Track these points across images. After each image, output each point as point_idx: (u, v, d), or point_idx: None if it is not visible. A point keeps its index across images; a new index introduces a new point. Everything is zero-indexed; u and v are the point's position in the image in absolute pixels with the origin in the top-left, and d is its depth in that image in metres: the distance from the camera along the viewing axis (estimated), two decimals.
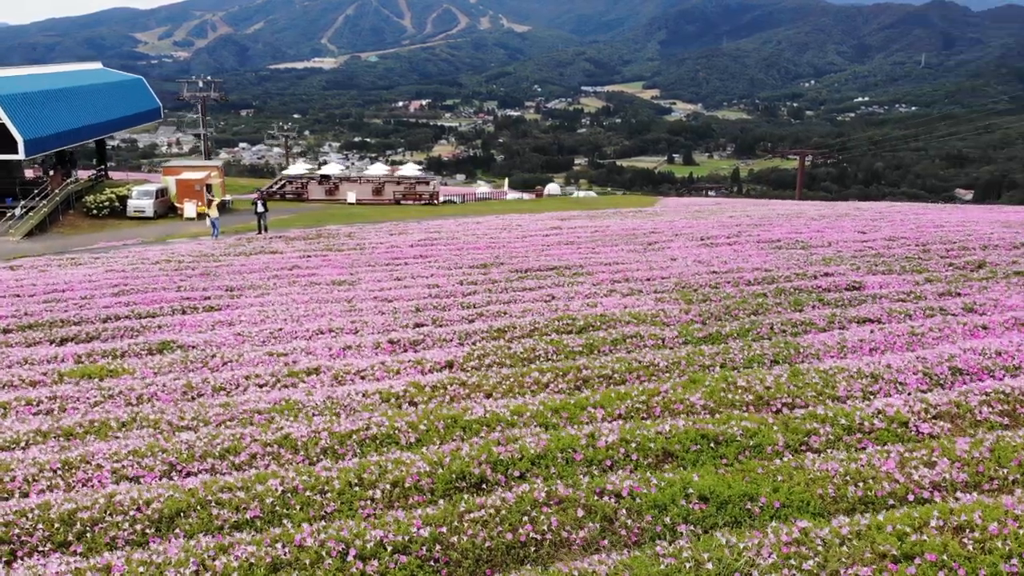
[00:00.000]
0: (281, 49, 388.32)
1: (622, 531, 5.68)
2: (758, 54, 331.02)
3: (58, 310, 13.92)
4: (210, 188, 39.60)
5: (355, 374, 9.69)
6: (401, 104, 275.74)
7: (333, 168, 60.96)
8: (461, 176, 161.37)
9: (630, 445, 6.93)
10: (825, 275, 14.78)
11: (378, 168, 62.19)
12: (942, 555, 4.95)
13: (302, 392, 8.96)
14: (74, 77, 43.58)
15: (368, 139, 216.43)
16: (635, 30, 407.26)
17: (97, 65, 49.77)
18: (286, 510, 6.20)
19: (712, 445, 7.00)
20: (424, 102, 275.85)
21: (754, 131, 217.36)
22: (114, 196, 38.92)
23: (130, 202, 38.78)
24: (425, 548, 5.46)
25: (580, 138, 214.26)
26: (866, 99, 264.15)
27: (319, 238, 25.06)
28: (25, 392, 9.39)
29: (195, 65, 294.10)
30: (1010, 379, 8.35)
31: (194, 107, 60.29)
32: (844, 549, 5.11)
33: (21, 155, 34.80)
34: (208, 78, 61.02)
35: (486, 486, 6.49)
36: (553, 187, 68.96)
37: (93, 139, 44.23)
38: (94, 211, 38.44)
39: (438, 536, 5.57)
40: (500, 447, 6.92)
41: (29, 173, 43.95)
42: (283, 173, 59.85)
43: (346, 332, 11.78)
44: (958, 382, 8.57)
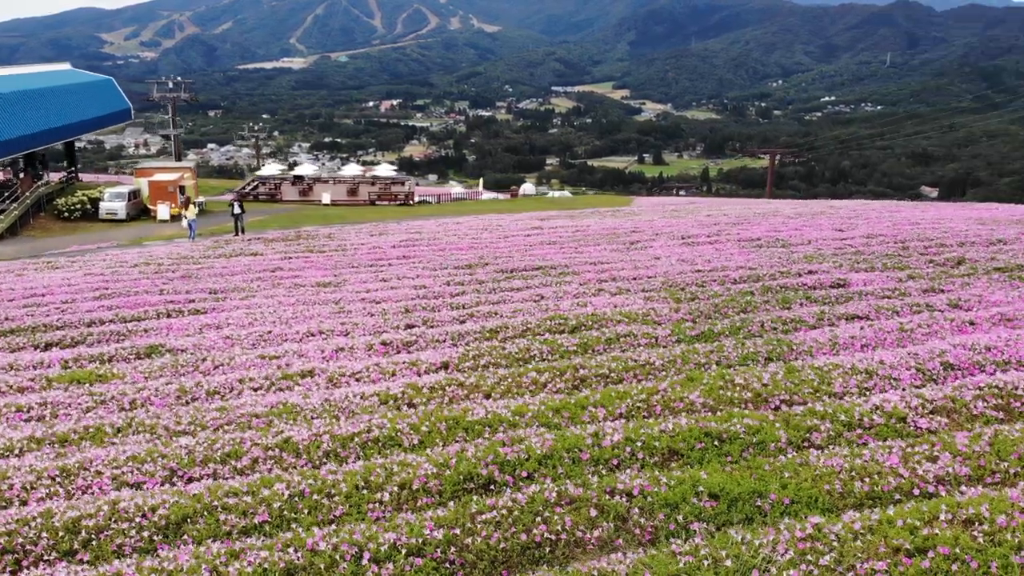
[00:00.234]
0: (250, 49, 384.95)
1: (636, 530, 5.69)
2: (726, 54, 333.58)
3: (39, 315, 13.70)
4: (183, 190, 39.15)
5: (350, 376, 9.63)
6: (372, 104, 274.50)
7: (307, 169, 60.51)
8: (433, 176, 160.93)
9: (635, 444, 6.95)
10: (809, 273, 14.92)
11: (352, 168, 61.84)
12: (954, 548, 5.02)
13: (299, 395, 8.90)
14: (43, 78, 42.87)
15: (339, 139, 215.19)
16: (605, 30, 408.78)
17: (66, 66, 49.02)
18: (294, 514, 6.15)
19: (716, 443, 7.04)
20: (395, 102, 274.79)
21: (723, 131, 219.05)
22: (86, 198, 38.36)
23: (102, 204, 38.23)
24: (439, 550, 5.45)
25: (551, 138, 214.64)
26: (833, 98, 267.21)
27: (299, 239, 24.88)
28: (14, 398, 9.23)
29: (162, 65, 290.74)
30: (1001, 374, 8.48)
31: (161, 108, 59.54)
32: (858, 544, 5.16)
33: None
34: (178, 78, 60.29)
35: (494, 487, 6.48)
36: (528, 187, 69.03)
37: (63, 141, 43.55)
38: (65, 214, 37.86)
39: (452, 538, 5.55)
40: (506, 448, 6.91)
41: None
42: (256, 174, 59.33)
43: (337, 334, 11.71)
44: (951, 377, 8.69)
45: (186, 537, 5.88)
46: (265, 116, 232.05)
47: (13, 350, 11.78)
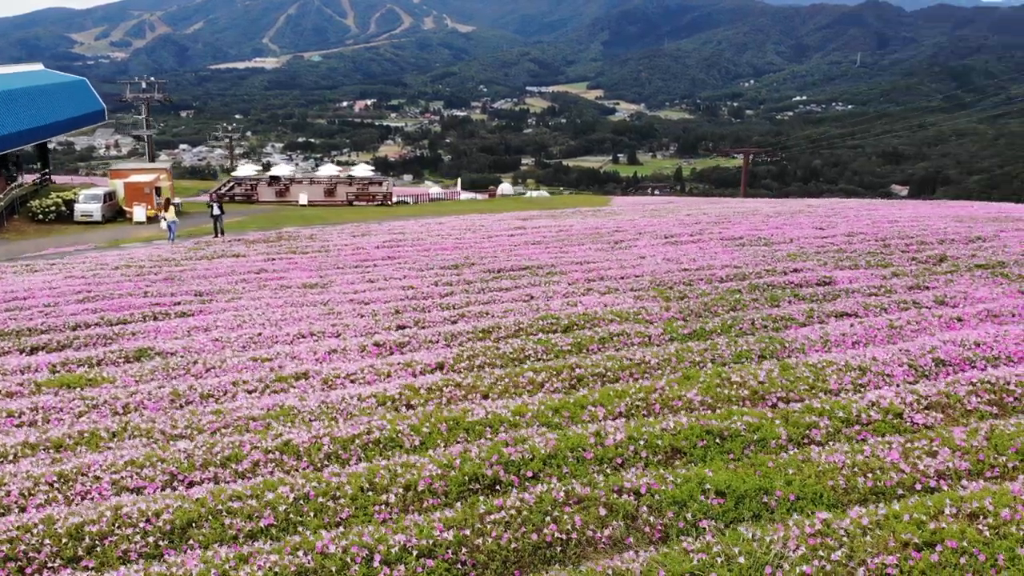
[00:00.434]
0: (222, 49, 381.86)
1: (645, 528, 5.72)
2: (698, 54, 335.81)
3: (23, 318, 13.50)
4: (159, 191, 38.76)
5: (345, 378, 9.59)
6: (345, 104, 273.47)
7: (283, 169, 60.16)
8: (408, 176, 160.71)
9: (638, 443, 6.98)
10: (794, 271, 15.05)
11: (329, 169, 61.55)
12: (961, 542, 5.08)
13: (295, 397, 8.84)
14: (16, 79, 42.24)
15: (312, 139, 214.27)
16: (578, 31, 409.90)
17: (39, 66, 48.35)
18: (300, 517, 6.11)
19: (718, 441, 7.08)
20: (369, 102, 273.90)
21: (696, 131, 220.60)
22: (60, 200, 37.88)
23: (77, 206, 37.76)
24: (450, 551, 5.44)
25: (526, 138, 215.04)
26: (804, 98, 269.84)
27: (280, 240, 24.72)
28: (4, 403, 9.10)
29: (133, 66, 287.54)
30: (992, 369, 8.61)
31: (133, 108, 58.91)
32: (868, 539, 5.21)
33: None
34: (151, 79, 59.68)
35: (500, 487, 6.48)
36: (506, 187, 69.11)
37: (37, 142, 42.96)
38: (40, 216, 37.34)
39: (462, 539, 5.54)
40: (510, 448, 6.92)
41: None
42: (232, 175, 58.88)
43: (328, 335, 11.65)
44: (942, 373, 8.80)
45: (192, 542, 5.82)
46: (238, 116, 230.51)
47: None
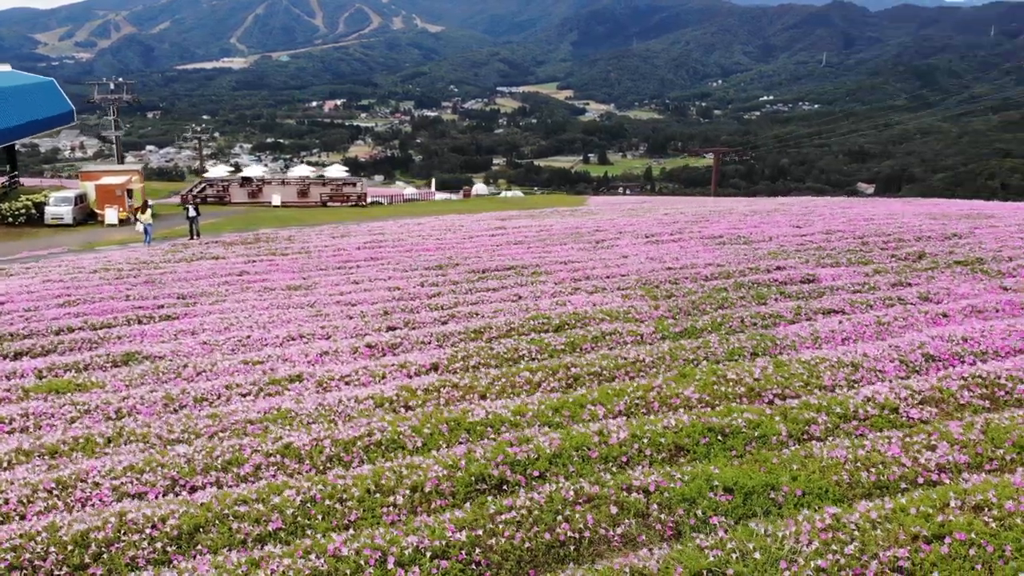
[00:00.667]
0: (188, 49, 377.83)
1: (657, 526, 5.75)
2: (667, 55, 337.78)
3: (3, 323, 13.27)
4: (131, 193, 38.24)
5: (339, 380, 9.54)
6: (315, 104, 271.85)
7: (255, 170, 59.66)
8: (379, 177, 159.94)
9: (642, 441, 7.02)
10: (778, 269, 15.20)
11: (302, 169, 61.10)
12: (969, 534, 5.17)
13: (291, 400, 8.78)
14: None
15: (281, 140, 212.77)
16: (547, 31, 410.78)
17: (6, 67, 47.46)
18: (308, 520, 6.07)
19: (720, 438, 7.14)
20: (338, 102, 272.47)
21: (665, 130, 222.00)
22: (31, 203, 37.23)
23: (48, 209, 37.13)
24: (464, 552, 5.43)
25: (498, 138, 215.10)
26: (771, 98, 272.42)
27: (258, 242, 24.50)
28: None
29: (98, 66, 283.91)
30: (981, 364, 8.76)
31: (98, 109, 58.10)
32: (878, 532, 5.28)
33: None
34: (119, 79, 58.90)
35: (507, 487, 6.48)
36: (481, 187, 69.13)
37: (4, 144, 42.19)
38: (9, 219, 36.68)
39: (475, 539, 5.54)
40: (514, 447, 6.92)
41: None
42: (204, 176, 58.27)
43: (318, 338, 11.58)
44: (933, 368, 8.94)
45: (200, 547, 5.76)
46: (205, 117, 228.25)
47: None
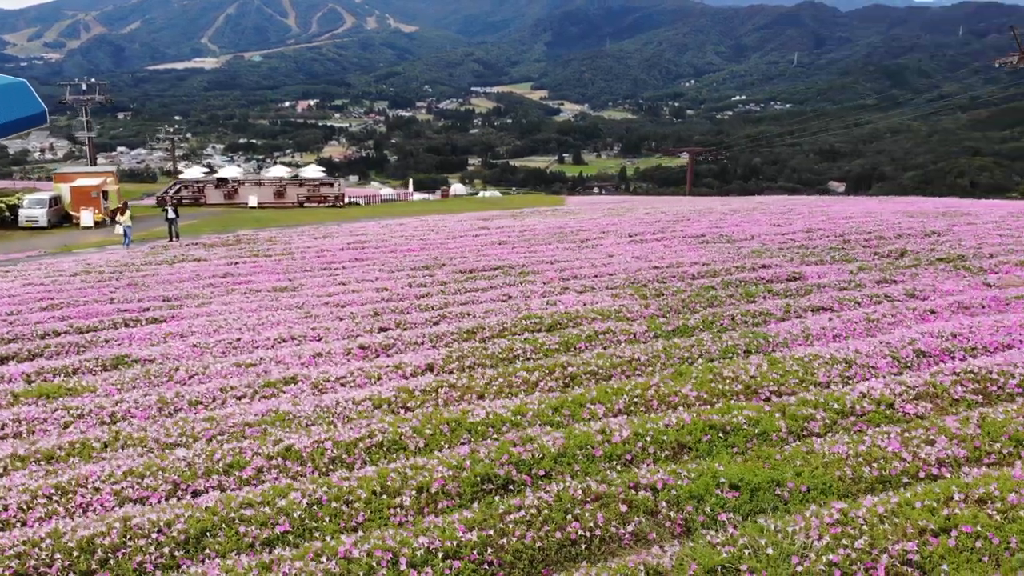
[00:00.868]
0: (159, 49, 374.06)
1: (667, 523, 5.79)
2: (640, 55, 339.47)
3: None
4: (106, 195, 37.80)
5: (335, 381, 9.50)
6: (288, 104, 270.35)
7: (231, 171, 59.21)
8: (354, 177, 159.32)
9: (645, 439, 7.05)
10: (763, 267, 15.33)
11: (278, 170, 60.75)
12: (975, 527, 5.25)
13: (288, 402, 8.73)
14: None
15: (254, 140, 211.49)
16: (521, 31, 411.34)
17: None
18: (315, 523, 6.05)
19: (721, 435, 7.19)
20: (312, 102, 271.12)
21: (639, 130, 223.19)
22: (3, 206, 36.68)
23: (21, 211, 36.58)
24: (476, 552, 5.43)
25: (473, 138, 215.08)
26: (743, 98, 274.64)
27: (239, 244, 24.31)
28: None
29: (68, 67, 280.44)
30: (972, 359, 8.89)
31: (68, 111, 57.40)
32: (886, 527, 5.35)
33: None
34: (92, 80, 58.20)
35: (513, 487, 6.49)
36: (459, 188, 69.11)
37: None
38: None
39: (486, 539, 5.54)
40: (518, 447, 6.93)
41: None
42: (179, 177, 57.74)
43: (309, 339, 11.52)
44: (924, 364, 9.06)
45: (208, 551, 5.72)
46: (177, 117, 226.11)
47: None
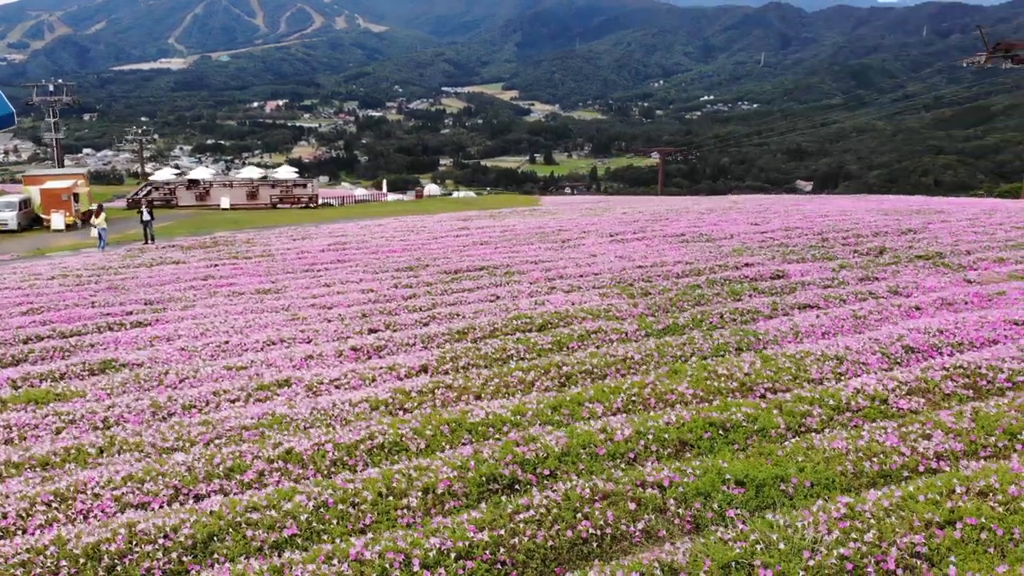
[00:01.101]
0: (125, 50, 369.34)
1: (676, 520, 5.83)
2: (609, 56, 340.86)
3: None
4: (77, 197, 37.26)
5: (329, 384, 9.45)
6: (256, 105, 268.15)
7: (202, 172, 58.61)
8: (324, 178, 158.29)
9: (647, 437, 7.10)
10: (746, 265, 15.47)
11: (251, 171, 60.23)
12: (979, 518, 5.35)
13: (283, 405, 8.68)
14: None
15: (223, 141, 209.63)
16: (492, 32, 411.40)
17: None
18: (323, 525, 6.03)
19: (721, 432, 7.26)
20: (281, 102, 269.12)
21: (609, 131, 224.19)
22: None
23: None
24: (488, 552, 5.44)
25: (444, 138, 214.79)
26: (711, 98, 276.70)
27: (217, 246, 24.07)
28: None
29: (32, 68, 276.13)
30: (960, 355, 9.05)
31: (33, 112, 56.54)
32: (892, 520, 5.43)
33: None
34: (59, 81, 57.36)
35: (519, 486, 6.51)
36: (433, 188, 69.00)
37: None
38: None
39: (498, 539, 5.55)
40: (522, 447, 6.95)
41: None
42: (150, 179, 57.08)
43: (299, 341, 11.45)
44: (913, 360, 9.21)
45: (217, 556, 5.67)
46: (144, 119, 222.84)
47: None
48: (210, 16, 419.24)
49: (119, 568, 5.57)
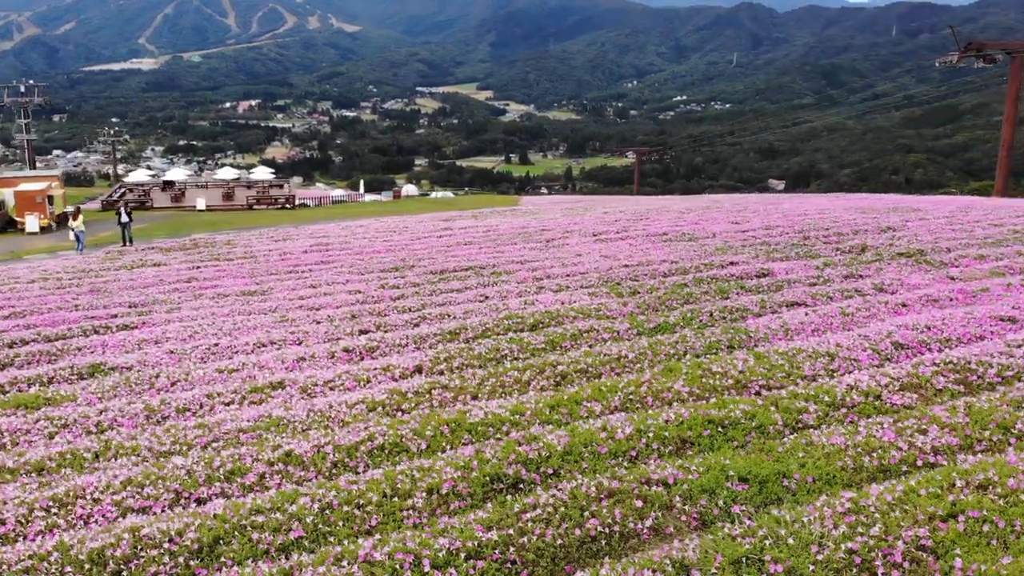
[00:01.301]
0: (95, 50, 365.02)
1: (682, 517, 5.87)
2: (583, 56, 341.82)
3: None
4: (51, 199, 36.79)
5: (324, 385, 9.42)
6: (229, 105, 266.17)
7: (177, 174, 58.11)
8: (298, 179, 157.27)
9: (648, 435, 7.14)
10: (731, 264, 15.58)
11: (227, 172, 59.76)
12: (981, 511, 5.44)
13: (279, 407, 8.63)
14: None
15: (195, 142, 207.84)
16: (465, 31, 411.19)
17: None
18: (329, 527, 6.01)
19: (720, 429, 7.32)
20: (253, 103, 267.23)
21: (583, 131, 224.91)
22: None
23: None
24: (498, 551, 5.45)
25: (419, 139, 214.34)
26: (685, 98, 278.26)
27: (197, 248, 23.86)
28: None
29: (0, 69, 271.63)
30: (948, 350, 9.18)
31: (2, 112, 55.75)
32: (896, 514, 5.51)
33: None
34: (30, 82, 56.60)
35: (523, 485, 6.53)
36: (410, 188, 68.90)
37: None
38: None
39: (507, 538, 5.56)
40: (524, 446, 6.97)
41: None
42: (124, 180, 56.47)
43: (289, 343, 11.39)
44: (903, 356, 9.33)
45: (224, 559, 5.64)
46: (114, 119, 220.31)
47: None
48: (181, 16, 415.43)
49: (125, 573, 5.52)
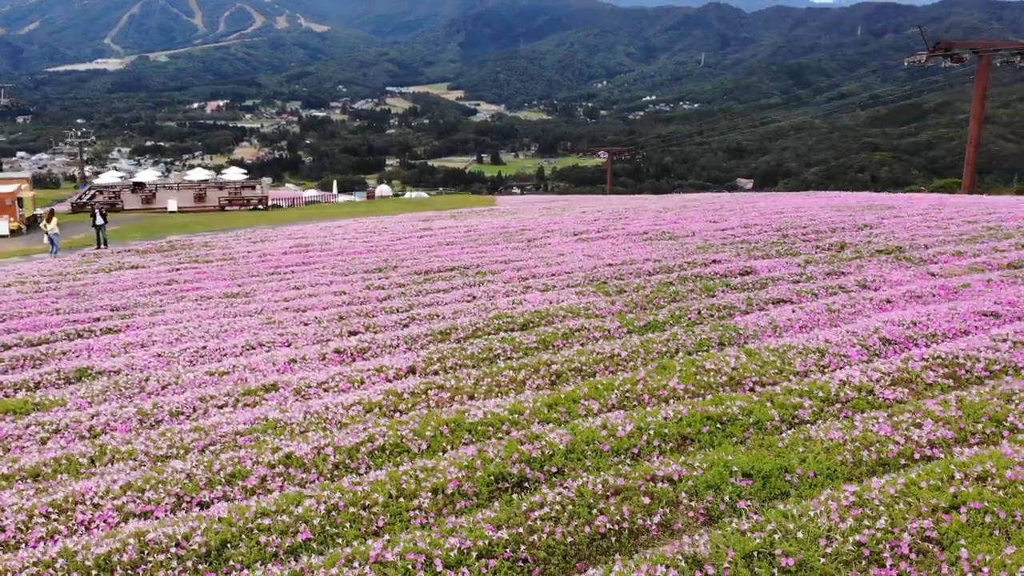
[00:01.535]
0: (60, 50, 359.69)
1: (689, 513, 5.93)
2: (553, 56, 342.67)
3: None
4: (21, 202, 36.22)
5: (318, 387, 9.38)
6: (196, 105, 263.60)
7: (147, 175, 57.40)
8: (268, 179, 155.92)
9: (648, 432, 7.20)
10: (714, 262, 15.71)
11: (199, 173, 59.21)
12: (982, 502, 5.55)
13: (274, 410, 8.59)
14: None
15: (162, 143, 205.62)
16: (435, 31, 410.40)
17: None
18: (336, 529, 5.99)
19: (719, 425, 7.39)
20: (221, 103, 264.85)
21: (554, 131, 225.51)
22: None
23: None
24: (509, 550, 5.47)
25: (390, 139, 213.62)
26: (654, 98, 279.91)
27: (174, 249, 23.60)
28: None
29: None
30: (935, 345, 9.34)
31: None
32: (900, 507, 5.60)
33: None
34: None
35: (528, 484, 6.55)
36: (384, 189, 68.66)
37: None
38: None
39: (517, 537, 5.58)
40: (526, 445, 6.99)
41: None
42: (94, 182, 55.70)
43: (279, 345, 11.32)
44: (892, 351, 9.48)
45: (232, 563, 5.60)
46: (80, 120, 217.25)
47: None
48: (147, 16, 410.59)
49: None
